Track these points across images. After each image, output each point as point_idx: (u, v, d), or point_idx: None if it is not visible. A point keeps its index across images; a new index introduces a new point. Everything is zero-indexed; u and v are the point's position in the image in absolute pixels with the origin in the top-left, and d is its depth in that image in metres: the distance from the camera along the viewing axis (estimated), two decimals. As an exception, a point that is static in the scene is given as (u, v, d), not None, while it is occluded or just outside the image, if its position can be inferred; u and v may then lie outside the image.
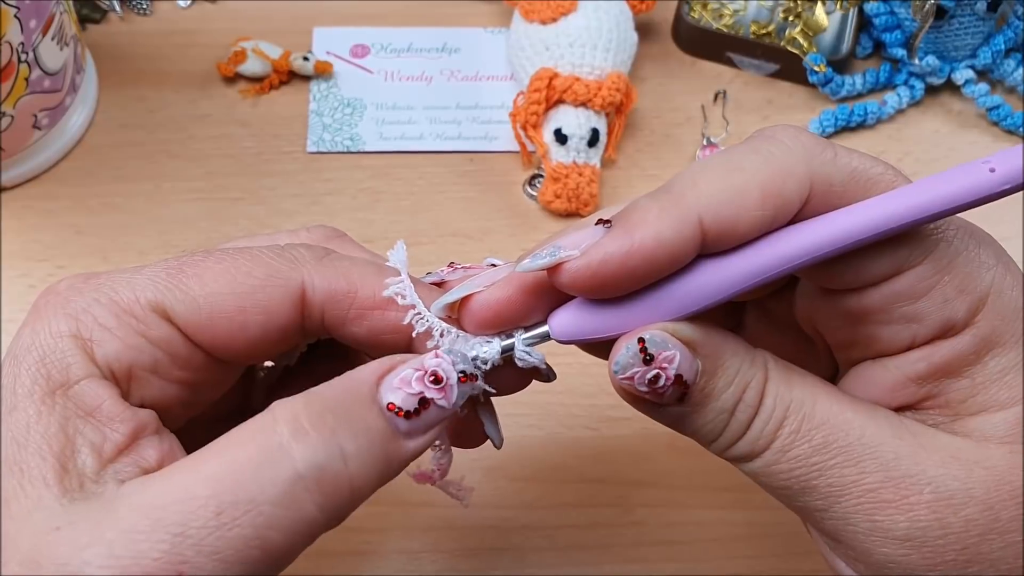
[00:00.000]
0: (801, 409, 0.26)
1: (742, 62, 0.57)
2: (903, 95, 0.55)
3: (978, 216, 0.54)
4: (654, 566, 0.42)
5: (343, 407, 0.24)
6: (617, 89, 0.51)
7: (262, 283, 0.27)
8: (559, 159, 0.51)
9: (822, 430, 0.26)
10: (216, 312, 0.26)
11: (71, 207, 0.51)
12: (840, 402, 0.26)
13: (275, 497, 0.22)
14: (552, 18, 0.53)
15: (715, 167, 0.25)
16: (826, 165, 0.25)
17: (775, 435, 0.26)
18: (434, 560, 0.42)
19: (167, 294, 0.26)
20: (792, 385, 0.26)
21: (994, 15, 0.54)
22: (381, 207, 0.52)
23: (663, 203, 0.24)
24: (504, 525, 0.43)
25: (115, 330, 0.26)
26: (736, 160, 0.25)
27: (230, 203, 0.52)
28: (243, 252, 0.27)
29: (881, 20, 0.56)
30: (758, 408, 0.26)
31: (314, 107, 0.55)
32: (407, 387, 0.25)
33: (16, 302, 0.48)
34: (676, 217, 0.24)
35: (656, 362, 0.25)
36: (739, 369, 0.26)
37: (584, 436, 0.45)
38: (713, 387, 0.26)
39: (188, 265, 0.27)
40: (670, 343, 0.25)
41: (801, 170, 0.25)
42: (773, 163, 0.25)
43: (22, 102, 0.48)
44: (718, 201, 0.24)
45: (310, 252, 0.28)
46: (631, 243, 0.24)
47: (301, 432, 0.23)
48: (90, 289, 0.26)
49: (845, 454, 0.25)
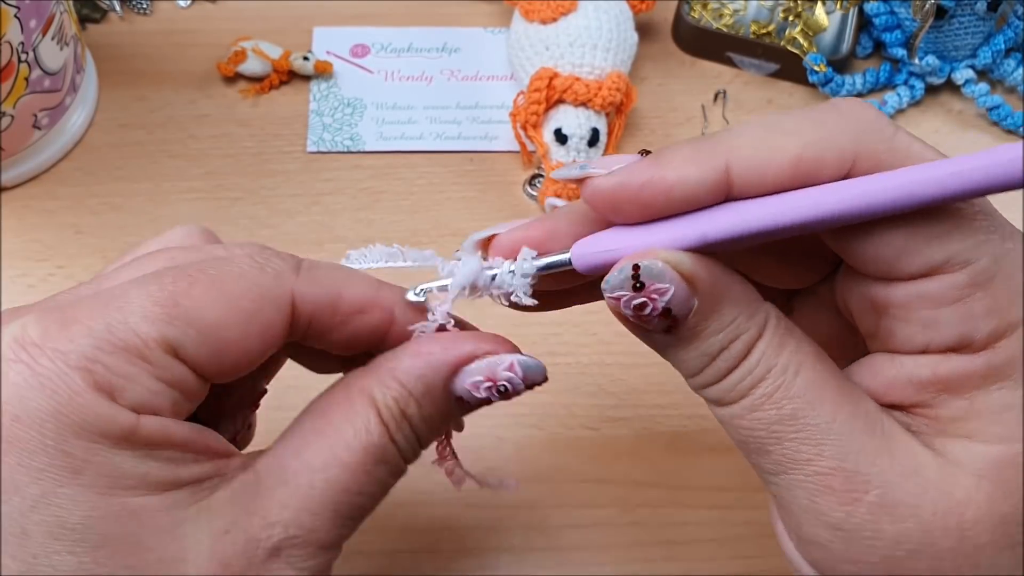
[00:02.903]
0: (782, 375, 0.25)
1: (742, 62, 0.57)
2: (903, 95, 0.55)
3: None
4: (654, 566, 0.42)
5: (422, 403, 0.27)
6: (617, 89, 0.51)
7: (258, 306, 0.26)
8: (559, 159, 0.51)
9: (795, 401, 0.25)
10: (222, 343, 0.25)
11: (71, 207, 0.51)
12: (826, 381, 0.26)
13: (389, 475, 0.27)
14: (552, 18, 0.53)
15: (762, 124, 0.25)
16: (879, 144, 0.24)
17: (747, 392, 0.26)
18: (434, 560, 0.42)
19: (172, 330, 0.24)
20: (783, 349, 0.26)
21: (994, 15, 0.54)
22: (381, 207, 0.52)
23: (697, 145, 0.25)
24: (504, 525, 0.43)
25: (135, 378, 0.24)
26: (785, 121, 0.25)
27: (230, 203, 0.52)
28: (226, 271, 0.26)
29: (881, 20, 0.56)
30: (740, 362, 0.26)
31: (314, 107, 0.55)
32: (476, 391, 0.28)
33: (16, 302, 0.48)
34: (704, 161, 0.24)
35: (646, 291, 0.25)
36: (734, 319, 0.26)
37: (584, 436, 0.45)
38: (703, 328, 0.26)
39: (180, 294, 0.25)
40: (667, 275, 0.25)
41: (846, 143, 0.24)
42: (820, 130, 0.24)
43: (22, 102, 0.48)
44: (750, 155, 0.24)
45: (285, 263, 0.28)
46: (653, 174, 0.25)
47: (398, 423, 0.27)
48: (81, 335, 0.24)
49: (808, 432, 0.25)
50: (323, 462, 0.26)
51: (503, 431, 0.45)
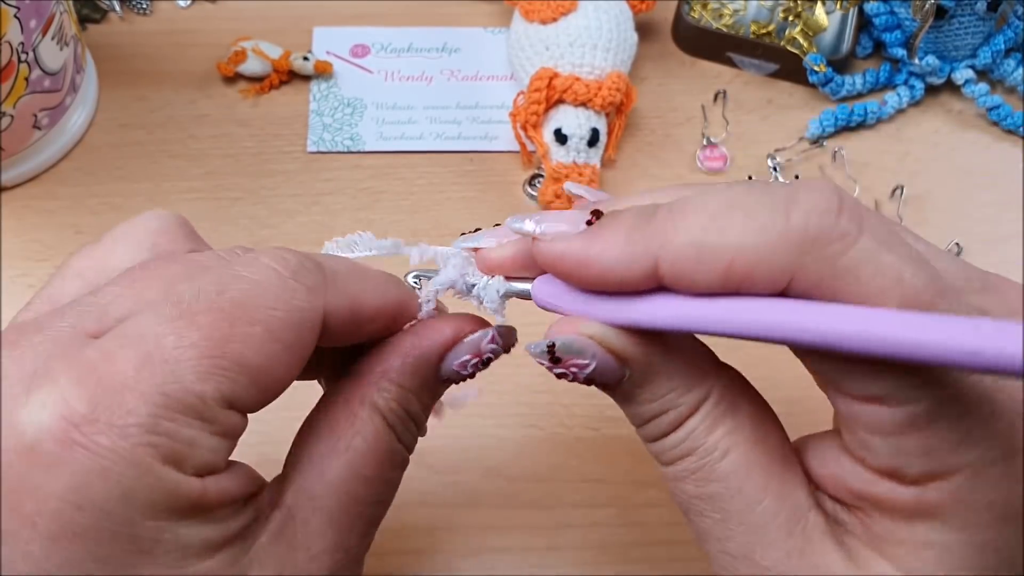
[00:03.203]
0: (708, 456, 0.25)
1: (742, 62, 0.57)
2: (903, 95, 0.55)
3: (979, 217, 0.54)
4: (655, 566, 0.42)
5: (420, 396, 0.28)
6: (617, 89, 0.51)
7: (298, 334, 0.25)
8: (559, 159, 0.51)
9: (716, 484, 0.25)
10: (271, 380, 0.24)
11: (71, 207, 0.51)
12: (754, 468, 0.25)
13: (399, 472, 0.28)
14: (552, 18, 0.53)
15: (706, 216, 0.23)
16: (821, 266, 0.22)
17: (675, 462, 0.26)
18: (434, 560, 0.42)
19: (227, 383, 0.23)
20: (714, 430, 0.26)
21: (994, 15, 0.54)
22: (381, 207, 0.52)
23: (637, 229, 0.24)
24: (504, 525, 0.43)
25: (197, 441, 0.22)
26: (727, 218, 0.23)
27: (230, 203, 0.52)
28: (260, 300, 0.24)
29: (881, 20, 0.56)
30: (670, 433, 0.26)
31: (314, 107, 0.55)
32: (463, 369, 0.29)
33: (16, 302, 0.48)
34: (636, 252, 0.24)
35: (563, 364, 0.26)
36: (667, 393, 0.26)
37: (584, 436, 0.45)
38: (637, 395, 0.26)
39: (224, 340, 0.23)
40: (588, 351, 0.25)
41: (783, 261, 0.22)
42: (759, 238, 0.22)
43: (22, 102, 0.48)
44: (682, 257, 0.23)
45: (314, 277, 0.26)
46: (587, 256, 0.24)
47: (403, 424, 0.28)
48: (137, 404, 0.21)
49: (724, 514, 0.25)
50: (345, 481, 0.26)
51: (503, 431, 0.45)
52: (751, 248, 0.22)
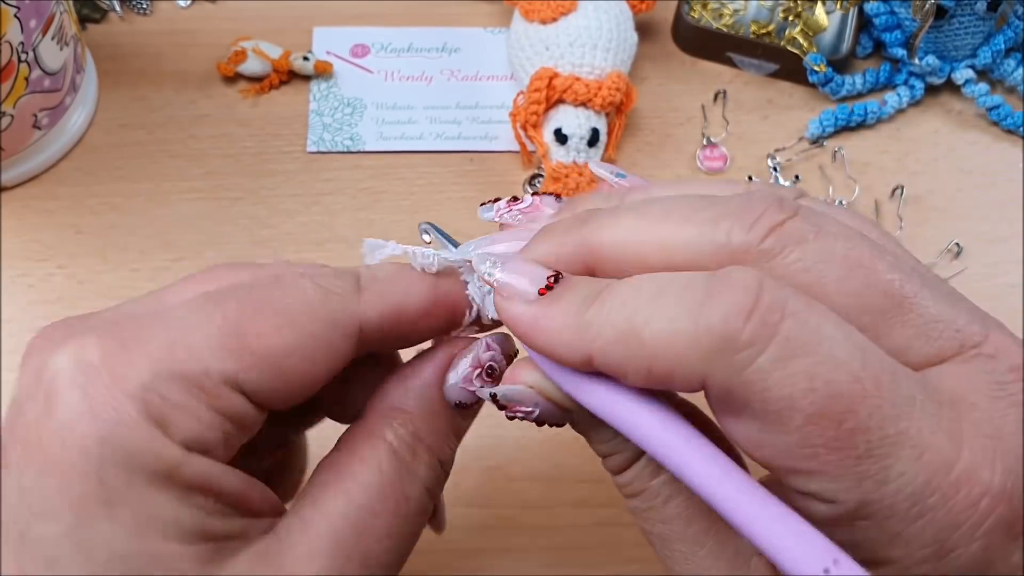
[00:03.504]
0: (654, 499, 0.26)
1: (742, 62, 0.57)
2: (903, 95, 0.55)
3: (979, 217, 0.54)
4: (655, 566, 0.42)
5: (430, 423, 0.28)
6: (617, 89, 0.51)
7: (324, 333, 0.26)
8: (559, 159, 0.51)
9: (663, 526, 0.26)
10: (287, 373, 0.25)
11: (71, 207, 0.51)
12: (697, 511, 0.26)
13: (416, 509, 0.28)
14: (552, 18, 0.53)
15: (633, 309, 0.23)
16: (727, 371, 0.21)
17: (630, 497, 0.27)
18: (434, 560, 0.42)
19: (236, 363, 0.24)
20: (657, 475, 0.26)
21: (994, 15, 0.54)
22: (381, 207, 0.52)
23: (581, 314, 0.24)
24: (504, 525, 0.43)
25: (190, 409, 0.23)
26: (652, 314, 0.22)
27: (230, 203, 0.52)
28: (291, 298, 0.25)
29: (881, 20, 0.56)
30: (620, 472, 0.27)
31: (314, 107, 0.55)
32: (468, 385, 0.28)
33: (16, 302, 0.48)
34: (574, 339, 0.24)
35: (510, 409, 0.27)
36: (611, 439, 0.26)
37: (584, 436, 0.45)
38: (587, 435, 0.27)
39: (245, 323, 0.24)
40: (529, 400, 0.26)
41: (693, 364, 0.22)
42: (672, 340, 0.22)
43: (22, 102, 0.48)
44: (608, 355, 0.23)
45: (346, 283, 0.27)
46: (535, 329, 0.25)
47: (415, 454, 0.28)
48: (141, 360, 0.23)
49: (671, 552, 0.26)
50: (341, 507, 0.26)
51: (503, 431, 0.45)
52: (665, 349, 0.22)
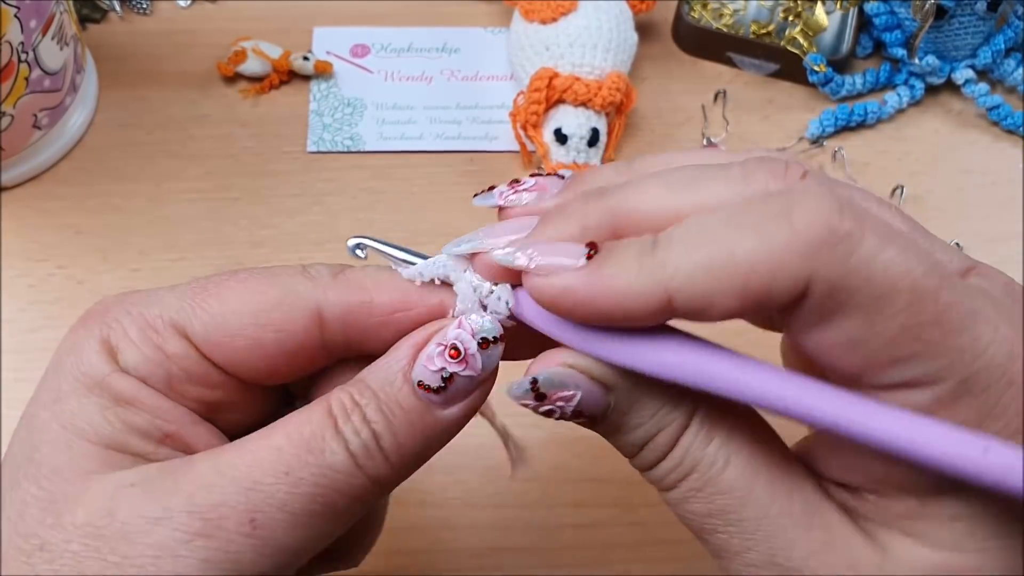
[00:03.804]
0: (709, 470, 0.25)
1: (742, 62, 0.57)
2: (903, 95, 0.55)
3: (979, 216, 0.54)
4: (655, 566, 0.42)
5: (381, 387, 0.26)
6: (617, 89, 0.51)
7: (277, 302, 0.27)
8: (559, 159, 0.51)
9: (724, 497, 0.25)
10: (232, 331, 0.27)
11: (71, 207, 0.51)
12: (759, 472, 0.25)
13: (334, 464, 0.25)
14: (552, 18, 0.53)
15: (709, 238, 0.23)
16: (834, 266, 0.22)
17: (677, 483, 0.25)
18: (434, 560, 0.42)
19: (186, 312, 0.27)
20: (710, 441, 0.25)
21: (994, 15, 0.54)
22: (381, 207, 0.52)
23: (641, 263, 0.23)
24: (504, 525, 0.43)
25: (136, 341, 0.27)
26: (733, 237, 0.22)
27: (230, 203, 0.52)
28: (264, 272, 0.27)
29: (881, 20, 0.56)
30: (666, 453, 0.25)
31: (314, 107, 0.55)
32: (431, 364, 0.26)
33: (16, 302, 0.48)
34: (646, 285, 0.23)
35: (549, 399, 0.25)
36: (656, 412, 0.25)
37: (584, 436, 0.45)
38: (624, 423, 0.25)
39: (212, 284, 0.27)
40: (571, 382, 0.24)
41: (797, 268, 0.22)
42: (769, 249, 0.22)
43: (22, 102, 0.48)
44: (694, 283, 0.22)
45: (327, 269, 0.28)
46: (593, 292, 0.23)
47: (347, 415, 0.26)
48: (129, 303, 0.27)
49: (738, 526, 0.25)
50: (253, 445, 0.25)
51: (511, 432, 0.45)
52: (763, 261, 0.22)
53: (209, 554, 0.24)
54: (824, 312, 0.22)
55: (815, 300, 0.22)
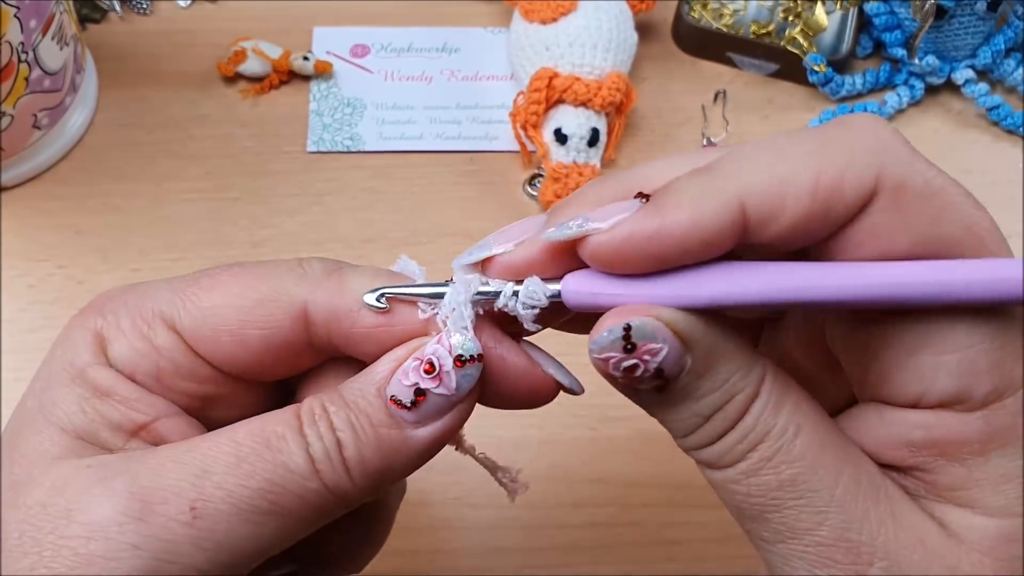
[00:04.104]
0: (781, 438, 0.24)
1: (742, 62, 0.57)
2: (903, 95, 0.55)
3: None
4: (654, 566, 0.42)
5: (353, 398, 0.26)
6: (617, 89, 0.51)
7: (264, 298, 0.26)
8: (559, 159, 0.51)
9: (795, 466, 0.24)
10: (218, 325, 0.26)
11: (71, 207, 0.51)
12: (827, 442, 0.24)
13: (289, 463, 0.25)
14: (552, 18, 0.53)
15: (767, 148, 0.23)
16: (901, 165, 0.22)
17: (743, 456, 0.24)
18: (434, 560, 0.42)
19: (175, 305, 0.27)
20: (781, 409, 0.24)
21: (994, 15, 0.54)
22: (381, 207, 0.52)
23: (703, 183, 0.23)
24: (504, 525, 0.43)
25: (127, 333, 0.27)
26: (793, 142, 0.23)
27: (230, 203, 0.52)
28: (255, 267, 0.27)
29: (881, 20, 0.56)
30: (735, 423, 0.24)
31: (314, 107, 0.55)
32: (405, 379, 0.25)
33: (16, 302, 0.48)
34: (715, 199, 0.22)
35: (638, 352, 0.23)
36: (729, 377, 0.24)
37: (584, 436, 0.45)
38: (696, 388, 0.24)
39: (204, 277, 0.27)
40: (659, 335, 0.23)
41: (865, 163, 0.22)
42: (834, 149, 0.22)
43: (22, 102, 0.48)
44: (763, 185, 0.22)
45: (321, 267, 0.27)
46: (661, 223, 0.22)
47: (314, 418, 0.25)
48: (126, 294, 0.28)
49: (809, 499, 0.23)
50: (217, 437, 0.25)
51: (503, 431, 0.45)
52: (830, 160, 0.22)
53: (140, 540, 0.23)
54: (887, 202, 0.22)
55: (885, 203, 0.22)
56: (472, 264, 0.26)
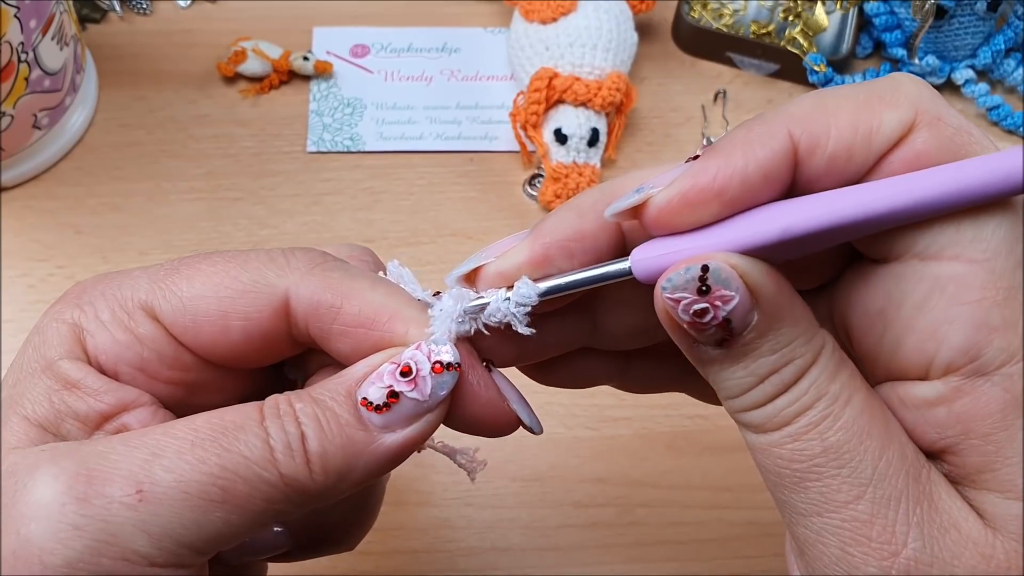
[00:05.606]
0: (832, 404, 0.24)
1: (742, 62, 0.57)
2: (903, 95, 0.55)
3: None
4: (654, 566, 0.42)
5: (322, 397, 0.26)
6: (617, 89, 0.51)
7: (245, 288, 0.26)
8: (559, 159, 0.51)
9: (841, 433, 0.24)
10: (200, 315, 0.26)
11: (71, 207, 0.51)
12: (876, 416, 0.24)
13: (245, 451, 0.24)
14: (552, 18, 0.53)
15: (812, 94, 0.25)
16: (939, 105, 0.24)
17: (791, 420, 0.24)
18: (434, 560, 0.42)
19: (156, 294, 0.27)
20: (836, 378, 0.24)
21: (994, 15, 0.54)
22: (381, 207, 0.52)
23: (749, 125, 0.24)
24: (504, 525, 0.43)
25: (108, 324, 0.27)
26: (834, 88, 0.25)
27: (230, 203, 0.52)
28: (236, 256, 0.27)
29: (881, 20, 0.56)
30: (790, 387, 0.24)
31: (314, 107, 0.55)
32: (379, 380, 0.25)
33: (16, 302, 0.48)
34: (764, 131, 0.24)
35: (711, 296, 0.23)
36: (792, 341, 0.24)
37: (584, 436, 0.45)
38: (757, 347, 0.24)
39: (184, 266, 0.27)
40: (734, 283, 0.23)
41: (905, 99, 0.24)
42: (874, 88, 0.24)
43: (22, 102, 0.48)
44: (807, 114, 0.24)
45: (305, 258, 0.27)
46: (721, 163, 0.23)
47: (277, 412, 0.25)
48: (103, 284, 0.27)
49: (851, 468, 0.23)
50: (175, 425, 0.25)
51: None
52: (870, 92, 0.24)
53: (81, 520, 0.23)
54: (928, 143, 0.23)
55: (924, 133, 0.23)
56: (463, 279, 0.27)
